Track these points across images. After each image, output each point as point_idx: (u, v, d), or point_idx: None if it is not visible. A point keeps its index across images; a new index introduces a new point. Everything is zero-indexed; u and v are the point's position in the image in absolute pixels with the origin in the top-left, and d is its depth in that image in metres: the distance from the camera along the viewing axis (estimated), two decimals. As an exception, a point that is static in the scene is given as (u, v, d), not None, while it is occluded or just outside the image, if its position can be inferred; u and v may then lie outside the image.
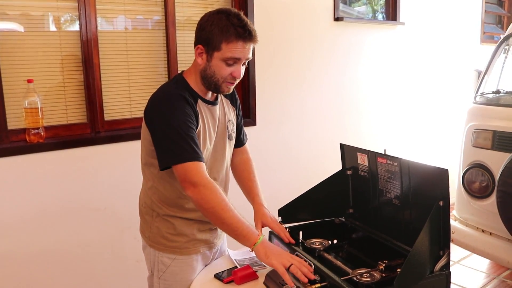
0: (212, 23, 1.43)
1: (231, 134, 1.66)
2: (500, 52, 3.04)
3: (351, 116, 3.64)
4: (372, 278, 1.29)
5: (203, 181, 1.38)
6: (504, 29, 5.26)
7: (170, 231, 1.56)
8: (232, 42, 1.41)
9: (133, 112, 2.54)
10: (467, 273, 3.25)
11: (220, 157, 1.61)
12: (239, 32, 1.41)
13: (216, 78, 1.47)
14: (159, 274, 1.58)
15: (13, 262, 2.15)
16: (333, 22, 3.37)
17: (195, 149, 1.40)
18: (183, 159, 1.38)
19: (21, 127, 2.17)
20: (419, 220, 1.36)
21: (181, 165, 1.39)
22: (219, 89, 1.50)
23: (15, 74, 2.16)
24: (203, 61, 1.47)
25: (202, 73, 1.49)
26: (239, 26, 1.41)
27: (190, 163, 1.38)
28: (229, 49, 1.42)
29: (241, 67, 1.47)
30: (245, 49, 1.44)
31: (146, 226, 1.61)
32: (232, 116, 1.69)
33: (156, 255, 1.58)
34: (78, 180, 2.31)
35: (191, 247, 1.58)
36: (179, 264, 1.56)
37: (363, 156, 1.61)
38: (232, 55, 1.42)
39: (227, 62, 1.44)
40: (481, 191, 2.77)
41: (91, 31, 2.32)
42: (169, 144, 1.40)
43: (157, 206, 1.57)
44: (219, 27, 1.41)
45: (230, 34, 1.40)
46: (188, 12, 2.68)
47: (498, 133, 2.66)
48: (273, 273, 1.43)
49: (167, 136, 1.40)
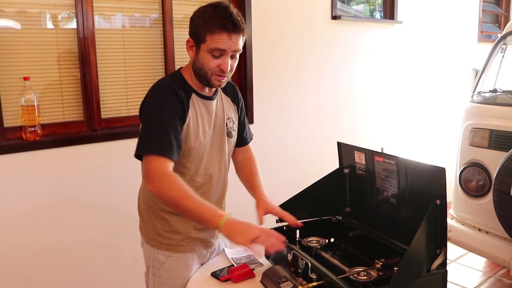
0: (199, 15, 1.44)
1: (230, 131, 1.65)
2: (497, 51, 3.04)
3: (349, 114, 3.64)
4: (369, 277, 1.29)
5: (160, 174, 1.37)
6: (501, 28, 5.27)
7: (165, 228, 1.56)
8: (216, 33, 1.41)
9: (130, 110, 2.53)
10: (463, 271, 3.26)
11: (218, 153, 1.60)
12: (223, 22, 1.40)
13: (205, 71, 1.47)
14: (154, 271, 1.59)
15: (9, 259, 2.14)
16: (330, 20, 3.37)
17: (165, 144, 1.39)
18: (149, 151, 1.39)
19: (17, 124, 2.16)
20: (416, 219, 1.36)
21: (146, 157, 1.40)
22: (209, 81, 1.49)
23: (11, 71, 2.15)
24: (193, 54, 1.49)
25: (193, 66, 1.50)
26: (224, 17, 1.40)
27: (154, 156, 1.38)
28: (213, 40, 1.41)
29: (228, 59, 1.45)
30: (231, 41, 1.42)
31: (143, 223, 1.63)
32: (233, 114, 1.68)
33: (152, 252, 1.59)
34: (74, 178, 2.30)
35: (186, 245, 1.57)
36: (174, 262, 1.56)
37: (360, 155, 1.61)
38: (216, 46, 1.42)
39: (213, 53, 1.43)
40: (477, 190, 2.78)
41: (88, 28, 2.31)
42: (145, 134, 1.43)
43: (153, 201, 1.57)
44: (204, 19, 1.42)
45: (213, 25, 1.41)
46: (185, 10, 2.67)
47: (495, 132, 2.67)
48: (270, 271, 1.43)
49: (146, 126, 1.43)
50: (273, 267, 1.47)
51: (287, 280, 1.35)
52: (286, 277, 1.37)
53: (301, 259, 1.39)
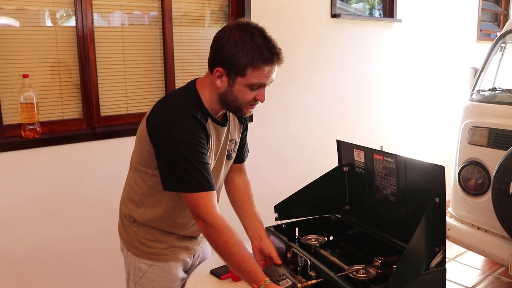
0: (235, 45, 1.29)
1: (231, 154, 1.58)
2: (497, 50, 3.04)
3: (348, 112, 3.64)
4: (368, 275, 1.29)
5: (212, 220, 1.32)
6: (501, 27, 5.27)
7: (148, 236, 1.50)
8: (260, 67, 1.30)
9: (129, 108, 2.53)
10: (462, 270, 3.26)
11: (215, 176, 1.52)
12: (266, 56, 1.29)
13: (239, 103, 1.37)
14: (135, 279, 1.53)
15: (8, 257, 2.14)
16: (330, 18, 3.36)
17: (205, 177, 1.32)
18: (191, 189, 1.32)
19: (16, 122, 2.16)
20: (415, 217, 1.36)
21: (189, 194, 1.33)
22: (241, 111, 1.41)
23: (10, 69, 2.15)
24: (223, 84, 1.35)
25: (222, 96, 1.38)
26: (266, 49, 1.29)
27: (198, 194, 1.32)
28: (254, 75, 1.31)
29: (264, 90, 1.38)
30: (271, 73, 1.34)
31: (124, 228, 1.56)
32: (237, 134, 1.60)
33: (133, 260, 1.53)
34: (73, 176, 2.30)
35: (170, 253, 1.52)
36: (156, 271, 1.51)
37: (359, 153, 1.61)
38: (258, 81, 1.32)
39: (252, 87, 1.34)
40: (476, 188, 2.78)
41: (87, 26, 2.31)
42: (177, 170, 1.32)
43: (136, 213, 1.51)
44: (244, 51, 1.28)
45: (257, 58, 1.28)
46: (184, 8, 2.67)
47: (494, 131, 2.67)
48: (269, 269, 1.43)
49: (176, 161, 1.31)
50: (272, 265, 1.47)
51: (286, 278, 1.35)
52: (285, 275, 1.37)
53: (300, 257, 1.39)
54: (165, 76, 2.63)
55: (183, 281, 1.57)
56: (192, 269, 1.62)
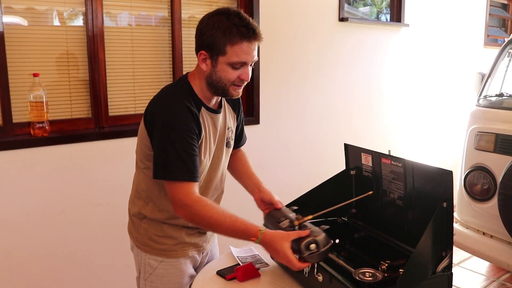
0: (212, 26, 1.36)
1: (229, 141, 1.61)
2: (504, 56, 3.04)
3: (355, 116, 3.64)
4: (375, 278, 1.29)
5: (190, 202, 1.36)
6: (508, 33, 5.27)
7: (158, 233, 1.53)
8: (237, 43, 1.35)
9: (137, 108, 2.55)
10: (467, 275, 3.26)
11: (216, 165, 1.57)
12: (243, 32, 1.35)
13: (223, 83, 1.41)
14: (145, 276, 1.55)
15: (16, 255, 2.16)
16: (338, 22, 3.37)
17: (189, 167, 1.36)
18: (175, 177, 1.36)
19: (25, 120, 2.18)
20: (422, 221, 1.36)
21: (171, 182, 1.37)
22: (227, 92, 1.44)
23: (21, 67, 2.16)
24: (207, 67, 1.41)
25: (208, 79, 1.43)
26: (242, 25, 1.35)
27: (180, 182, 1.36)
28: (234, 52, 1.36)
29: (247, 68, 1.41)
30: (251, 49, 1.38)
31: (134, 227, 1.59)
32: (232, 123, 1.63)
33: (143, 257, 1.55)
34: (81, 175, 2.32)
35: (179, 250, 1.54)
36: (166, 267, 1.54)
37: (367, 157, 1.62)
38: (239, 59, 1.37)
39: (234, 65, 1.38)
40: (482, 193, 2.78)
41: (97, 26, 2.33)
42: (165, 158, 1.37)
43: (145, 209, 1.53)
44: (221, 30, 1.35)
45: (234, 35, 1.34)
46: (192, 10, 2.68)
47: (500, 136, 2.67)
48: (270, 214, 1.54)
49: (165, 150, 1.37)
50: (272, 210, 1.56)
51: (286, 219, 1.45)
52: (284, 216, 1.47)
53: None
54: (174, 77, 2.65)
55: (192, 278, 1.58)
56: (201, 267, 1.64)
